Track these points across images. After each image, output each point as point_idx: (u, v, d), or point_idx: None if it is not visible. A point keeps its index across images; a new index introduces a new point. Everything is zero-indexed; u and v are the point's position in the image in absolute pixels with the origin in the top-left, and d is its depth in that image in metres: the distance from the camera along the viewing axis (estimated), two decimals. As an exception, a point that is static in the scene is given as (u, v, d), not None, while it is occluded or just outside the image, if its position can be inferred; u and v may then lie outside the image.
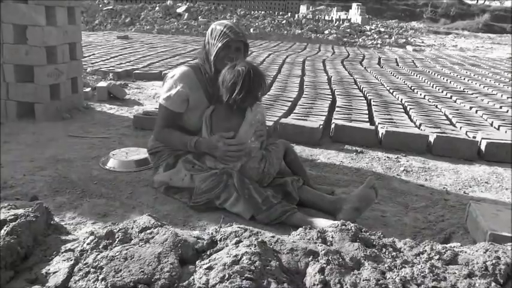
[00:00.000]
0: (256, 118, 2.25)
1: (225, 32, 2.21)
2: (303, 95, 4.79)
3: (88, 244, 1.24)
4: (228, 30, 2.22)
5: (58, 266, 1.18)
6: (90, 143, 3.10)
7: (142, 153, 2.77)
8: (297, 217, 2.03)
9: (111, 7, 16.39)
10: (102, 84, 4.57)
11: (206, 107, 2.29)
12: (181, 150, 2.30)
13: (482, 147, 3.24)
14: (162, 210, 2.15)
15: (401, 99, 4.85)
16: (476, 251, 1.30)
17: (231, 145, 2.15)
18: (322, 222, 1.93)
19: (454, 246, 1.36)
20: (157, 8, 16.42)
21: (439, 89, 5.76)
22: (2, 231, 1.23)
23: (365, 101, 4.64)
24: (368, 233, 1.39)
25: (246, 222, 2.03)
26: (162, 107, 2.31)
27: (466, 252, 1.31)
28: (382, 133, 3.40)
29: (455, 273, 1.18)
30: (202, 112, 2.29)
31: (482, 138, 3.29)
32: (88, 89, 4.58)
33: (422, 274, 1.16)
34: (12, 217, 1.32)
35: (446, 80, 6.64)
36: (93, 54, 7.39)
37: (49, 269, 1.18)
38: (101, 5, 17.00)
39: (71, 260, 1.19)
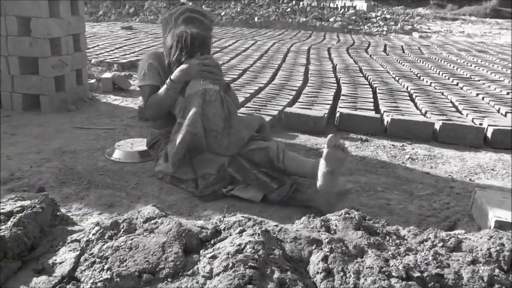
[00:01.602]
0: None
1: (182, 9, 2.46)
2: (308, 84, 4.77)
3: (94, 234, 1.25)
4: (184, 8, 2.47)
5: (64, 256, 1.20)
6: (95, 134, 3.12)
7: (147, 144, 2.78)
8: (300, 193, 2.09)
9: (114, -3, 16.33)
10: (107, 75, 4.57)
11: None
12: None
13: (489, 134, 3.22)
14: (168, 200, 2.17)
15: (407, 87, 4.81)
16: (481, 238, 1.30)
17: (205, 61, 2.23)
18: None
19: (458, 234, 1.36)
20: (161, -2, 16.34)
21: (445, 76, 5.70)
22: (9, 222, 1.25)
23: (370, 89, 4.61)
24: (372, 221, 1.40)
25: (250, 211, 2.04)
26: (142, 88, 2.42)
27: (470, 239, 1.31)
28: (387, 121, 3.38)
29: (458, 260, 1.18)
30: None
31: (489, 125, 3.27)
32: (93, 81, 4.59)
33: (425, 261, 1.17)
34: (19, 208, 1.33)
35: (453, 67, 6.57)
36: (98, 45, 7.39)
37: (55, 259, 1.19)
38: (104, -4, 16.94)
39: (77, 250, 1.20)
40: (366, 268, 1.13)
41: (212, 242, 1.25)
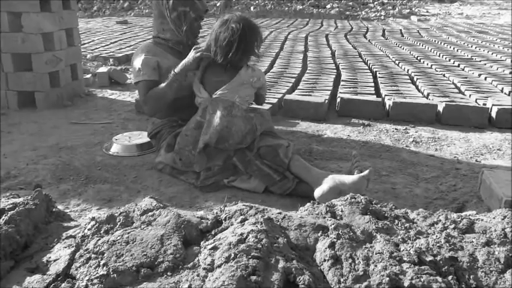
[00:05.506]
0: (250, 80, 2.16)
1: None
2: (307, 71, 4.69)
3: (89, 229, 1.20)
4: None
5: (59, 254, 1.15)
6: (92, 129, 3.06)
7: (145, 137, 2.71)
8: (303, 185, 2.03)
9: (108, -7, 16.16)
10: (103, 69, 4.50)
11: None
12: (179, 128, 2.25)
13: (493, 114, 3.15)
14: (168, 192, 2.11)
15: (408, 70, 4.73)
16: (494, 218, 1.25)
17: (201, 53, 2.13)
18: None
19: (469, 215, 1.31)
20: (155, -9, 16.17)
21: (446, 58, 5.61)
22: (0, 220, 1.20)
23: (370, 74, 4.53)
24: (379, 205, 1.34)
25: (252, 201, 1.99)
26: (139, 84, 2.31)
27: (482, 220, 1.26)
28: (389, 105, 3.31)
29: (472, 241, 1.13)
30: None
31: (493, 105, 3.20)
32: (89, 76, 4.52)
33: (438, 244, 1.11)
34: (11, 206, 1.28)
35: (453, 49, 6.47)
36: (93, 40, 7.29)
37: (50, 257, 1.14)
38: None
39: (72, 247, 1.15)
40: (376, 254, 1.07)
41: (213, 232, 1.19)
